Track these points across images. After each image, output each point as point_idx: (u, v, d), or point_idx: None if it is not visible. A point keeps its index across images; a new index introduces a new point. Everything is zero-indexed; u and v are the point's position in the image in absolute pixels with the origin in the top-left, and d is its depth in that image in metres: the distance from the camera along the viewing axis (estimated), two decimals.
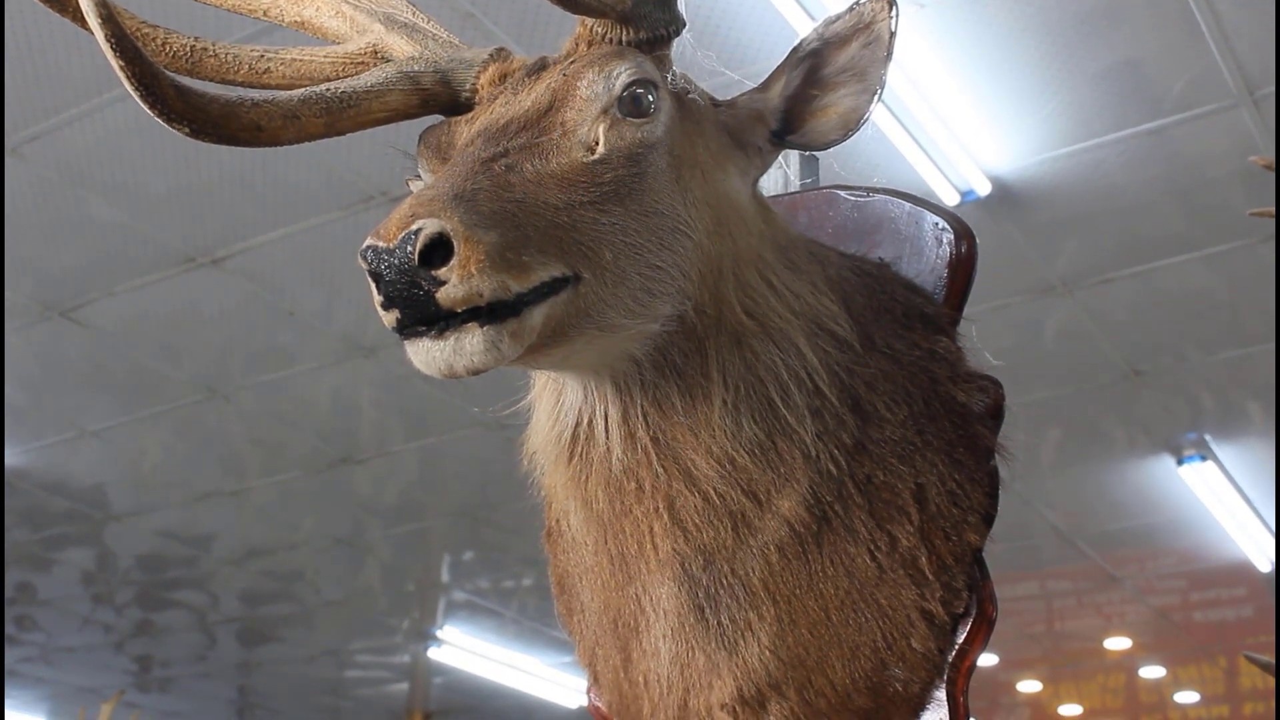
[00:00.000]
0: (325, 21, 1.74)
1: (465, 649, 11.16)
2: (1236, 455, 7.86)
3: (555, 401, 1.54)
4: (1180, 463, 7.82)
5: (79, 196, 5.28)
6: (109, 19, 1.25)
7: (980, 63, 4.55)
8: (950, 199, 5.08)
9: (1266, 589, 9.75)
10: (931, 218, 1.78)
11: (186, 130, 1.33)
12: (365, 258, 1.22)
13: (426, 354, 1.25)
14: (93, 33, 1.49)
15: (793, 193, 1.95)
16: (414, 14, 1.70)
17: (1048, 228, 5.49)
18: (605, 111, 1.40)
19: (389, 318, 1.25)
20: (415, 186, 1.82)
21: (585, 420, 1.50)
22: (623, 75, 1.41)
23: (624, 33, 1.47)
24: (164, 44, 1.60)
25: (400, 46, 1.61)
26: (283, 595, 10.59)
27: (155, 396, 6.90)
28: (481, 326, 1.23)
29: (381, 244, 1.21)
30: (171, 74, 1.32)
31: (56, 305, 6.04)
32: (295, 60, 1.63)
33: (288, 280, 5.84)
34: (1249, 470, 8.03)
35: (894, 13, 1.53)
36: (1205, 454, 7.77)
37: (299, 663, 12.21)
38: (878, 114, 4.65)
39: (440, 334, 1.24)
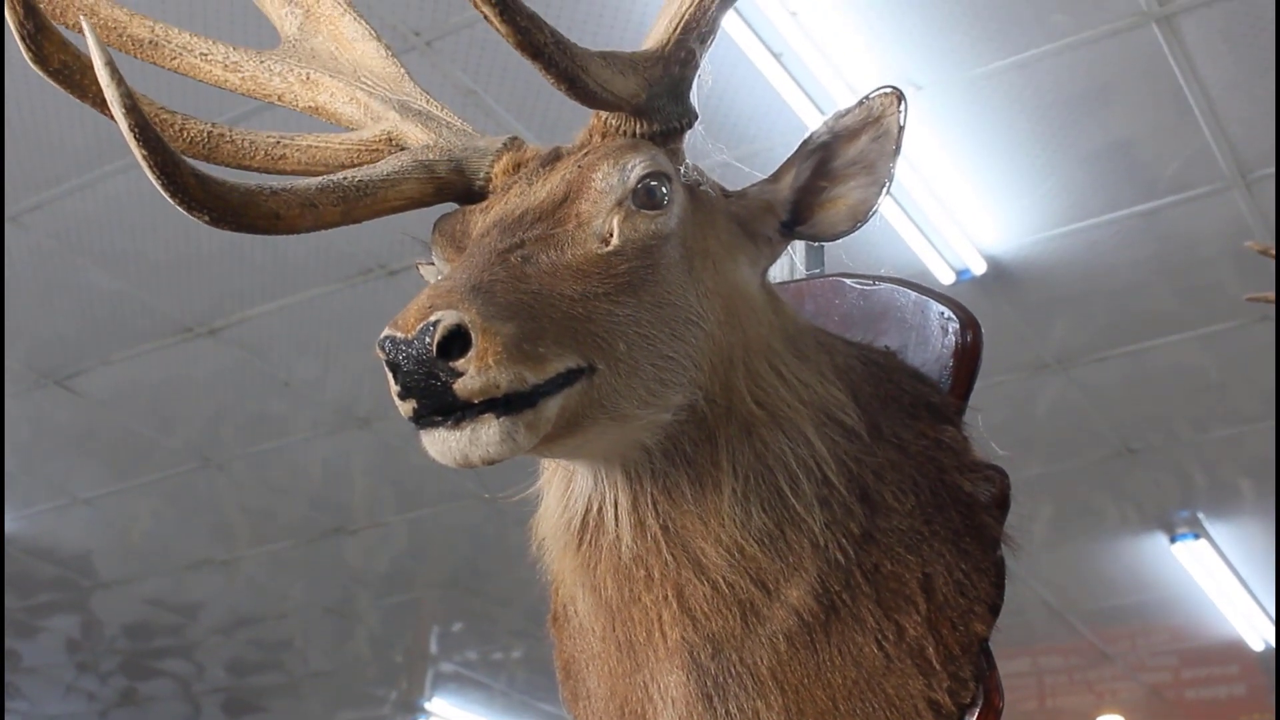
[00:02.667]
0: (339, 107, 1.76)
1: None
2: (1229, 533, 7.87)
3: (565, 488, 1.54)
4: (1173, 540, 7.83)
5: (78, 265, 5.30)
6: (132, 108, 1.27)
7: (976, 144, 4.61)
8: (946, 278, 5.12)
9: (1259, 667, 9.71)
10: (937, 307, 1.79)
11: (206, 218, 1.34)
12: (383, 348, 1.23)
13: (443, 444, 1.25)
14: (115, 119, 1.52)
15: (799, 280, 1.97)
16: (428, 101, 1.72)
17: (1042, 306, 5.53)
18: (620, 204, 1.41)
19: (405, 407, 1.25)
20: (425, 271, 1.84)
21: (595, 507, 1.50)
22: (637, 168, 1.42)
23: (638, 125, 1.49)
24: (181, 129, 1.61)
25: (415, 134, 1.63)
26: (270, 665, 10.50)
27: (148, 464, 6.88)
28: (498, 417, 1.24)
29: (400, 334, 1.22)
30: (192, 162, 1.33)
31: (52, 373, 6.04)
32: (311, 146, 1.65)
33: (284, 351, 5.85)
34: (1242, 548, 8.04)
35: (903, 107, 1.55)
36: (1198, 532, 7.78)
37: None
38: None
39: (457, 424, 1.24)
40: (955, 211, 4.90)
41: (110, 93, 1.27)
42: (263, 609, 9.26)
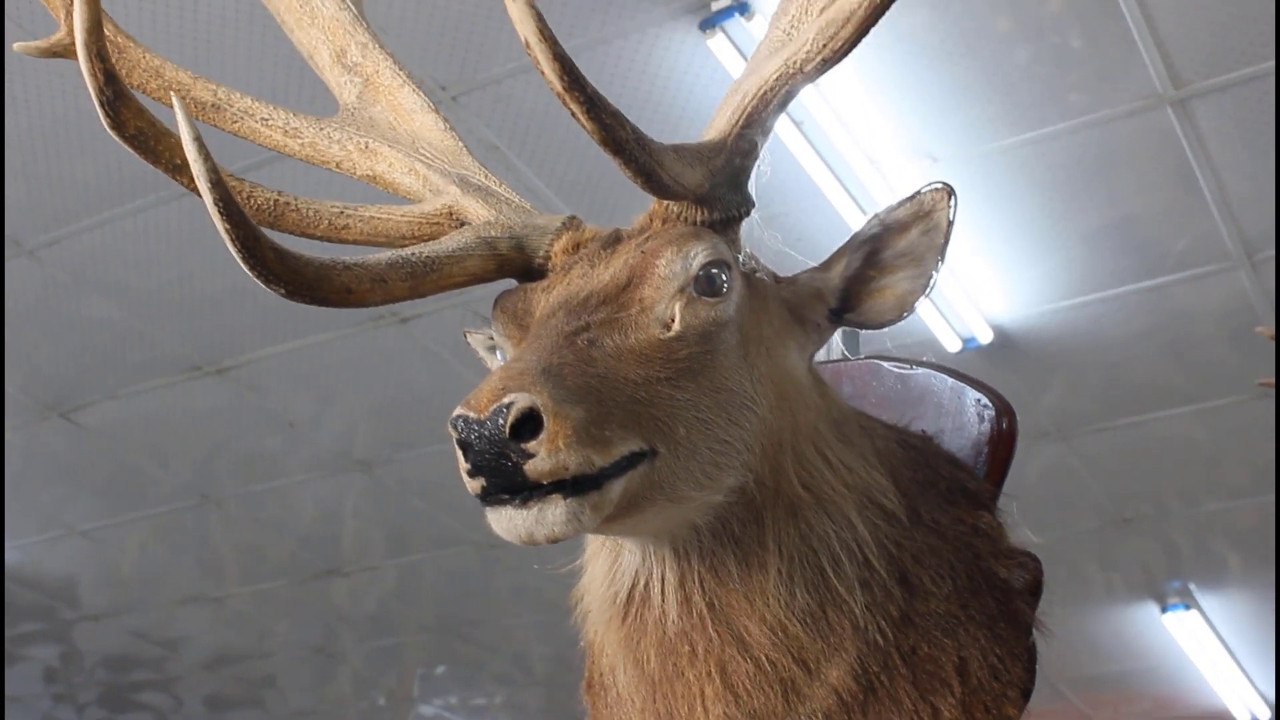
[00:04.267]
0: (398, 178, 1.80)
1: None
2: (1220, 605, 7.91)
3: (612, 562, 1.57)
4: (1165, 610, 7.87)
5: (90, 301, 5.33)
6: (218, 183, 1.30)
7: (988, 216, 4.68)
8: (953, 345, 5.18)
9: None
10: (973, 394, 1.84)
11: (282, 291, 1.37)
12: (456, 427, 1.25)
13: (509, 522, 1.28)
14: (197, 189, 1.56)
15: (836, 360, 2.01)
16: (486, 176, 1.76)
17: (1045, 375, 5.59)
18: (682, 290, 1.44)
19: (474, 485, 1.28)
20: (474, 339, 1.88)
21: (642, 583, 1.53)
22: (699, 256, 1.46)
23: (699, 213, 1.53)
24: (249, 196, 1.65)
25: (476, 210, 1.66)
26: (250, 702, 10.44)
27: (146, 499, 6.89)
28: (565, 498, 1.27)
29: (473, 415, 1.24)
30: (270, 238, 1.36)
31: (56, 405, 6.06)
32: (373, 218, 1.69)
33: (290, 393, 5.88)
34: (1233, 621, 8.07)
35: (953, 203, 1.59)
36: (1189, 603, 7.82)
37: None
38: None
39: (524, 503, 1.27)
40: (964, 281, 4.97)
41: (197, 168, 1.30)
42: (247, 646, 9.23)
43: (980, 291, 5.05)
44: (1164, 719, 9.83)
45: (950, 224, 1.59)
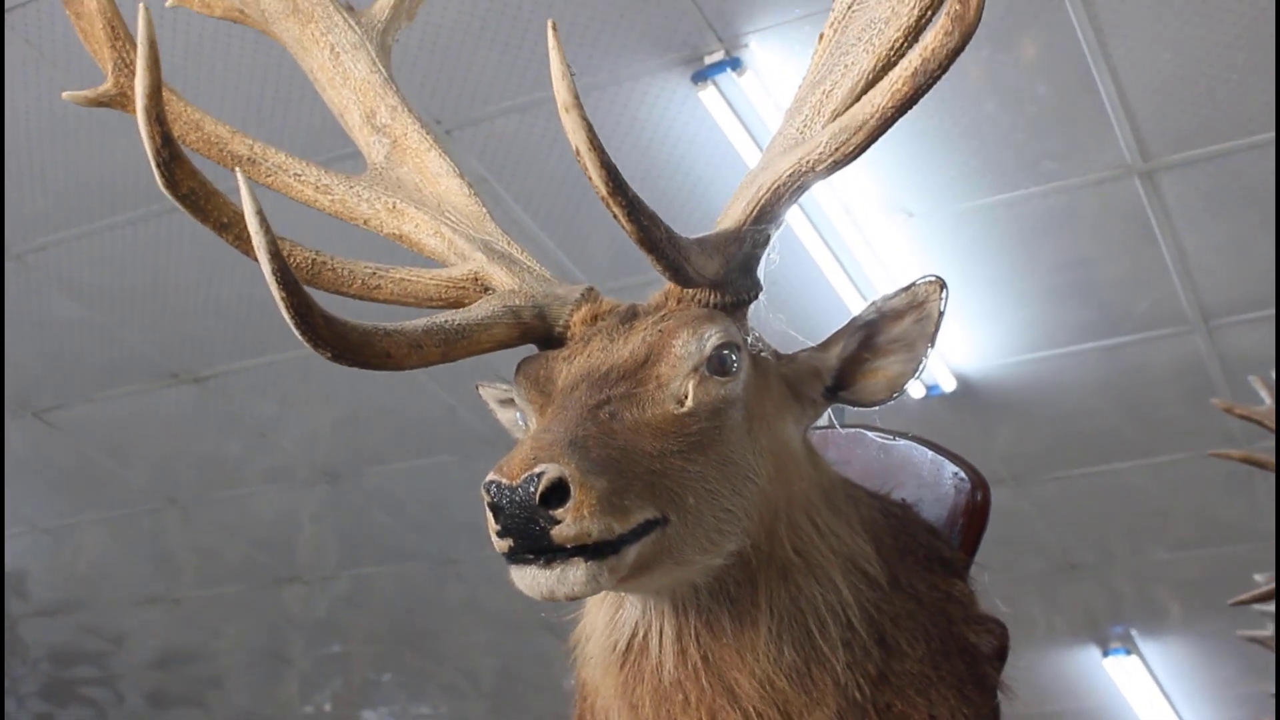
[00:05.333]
0: (424, 239, 1.89)
1: None
2: (1160, 651, 8.09)
3: (614, 613, 1.68)
4: (1106, 654, 8.04)
5: (75, 308, 5.39)
6: (276, 254, 1.39)
7: (959, 270, 4.83)
8: (916, 392, 5.33)
9: None
10: (951, 467, 1.97)
11: (329, 354, 1.48)
12: (489, 491, 1.36)
13: (533, 580, 1.39)
14: (241, 248, 1.67)
15: (824, 427, 2.13)
16: (508, 243, 1.86)
17: (1003, 423, 5.75)
18: (695, 369, 1.55)
19: (502, 544, 1.39)
20: (485, 394, 1.99)
21: (641, 634, 1.64)
22: (712, 338, 1.57)
23: (713, 296, 1.65)
24: (289, 255, 1.74)
25: (500, 278, 1.76)
26: (192, 701, 10.41)
27: (113, 500, 6.93)
28: (585, 561, 1.38)
29: (505, 481, 1.35)
30: (320, 305, 1.46)
31: (30, 405, 6.10)
32: (404, 279, 1.79)
33: (264, 405, 5.95)
34: (1171, 666, 8.26)
35: (944, 295, 1.72)
36: (1130, 648, 7.99)
37: None
38: (857, 307, 4.92)
39: (548, 564, 1.38)
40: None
41: (258, 239, 1.39)
42: (195, 647, 9.23)
43: (946, 342, 5.20)
44: None
45: (941, 314, 1.71)
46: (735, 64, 3.99)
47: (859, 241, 4.63)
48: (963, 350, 5.26)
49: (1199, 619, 7.66)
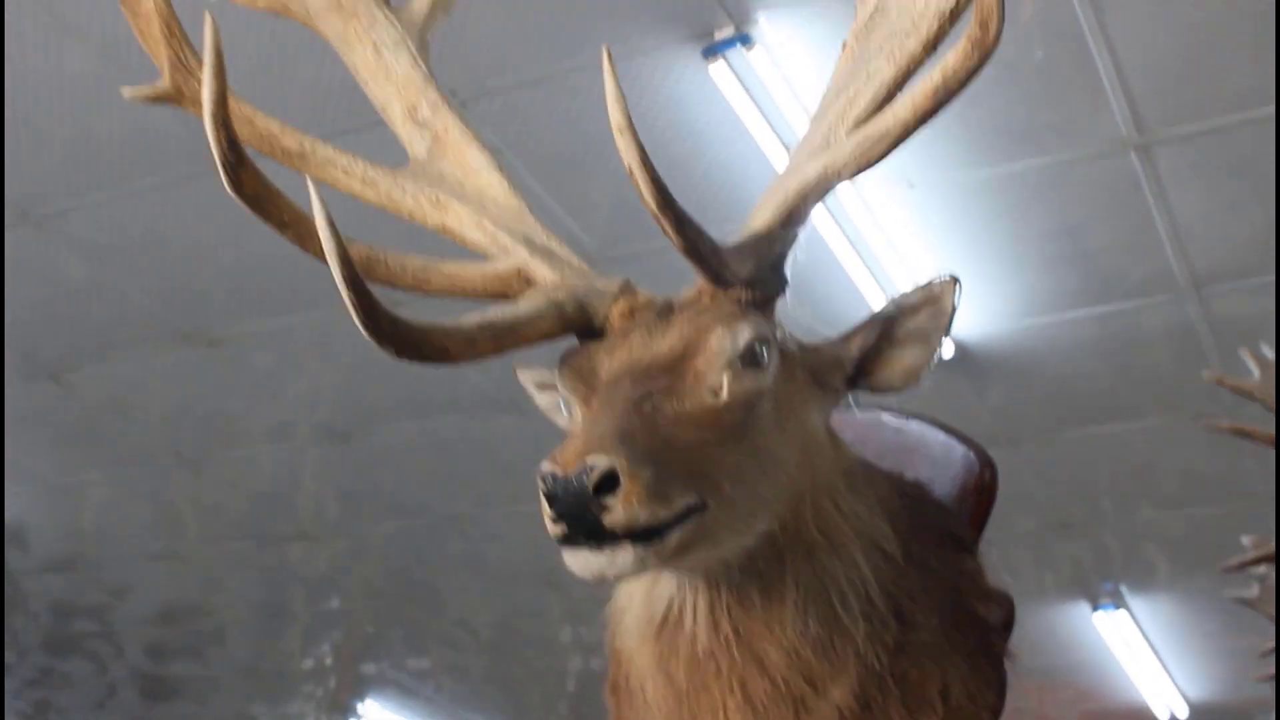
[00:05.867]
0: (467, 232, 1.99)
1: None
2: (1148, 607, 8.28)
3: (650, 588, 1.79)
4: (1095, 609, 8.23)
5: (89, 270, 5.49)
6: (346, 260, 1.50)
7: (958, 240, 4.95)
8: None
9: None
10: (961, 448, 2.09)
11: (392, 351, 1.59)
12: (545, 481, 1.47)
13: (584, 562, 1.51)
14: (304, 246, 1.77)
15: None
16: (548, 237, 1.96)
17: (1000, 388, 5.89)
18: (730, 363, 1.66)
19: (556, 529, 1.51)
20: (524, 377, 2.09)
21: (676, 608, 1.76)
22: (745, 333, 1.68)
23: (745, 293, 1.75)
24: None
25: (542, 272, 1.86)
26: (191, 653, 10.54)
27: (126, 457, 7.04)
28: (634, 545, 1.49)
29: (559, 471, 1.46)
30: (384, 305, 1.57)
31: (47, 367, 6.20)
32: (452, 273, 1.89)
33: (277, 365, 6.05)
34: (1158, 621, 8.44)
35: (958, 291, 1.84)
36: (1119, 603, 8.18)
37: None
38: (862, 281, 5.04)
39: (599, 548, 1.49)
40: None
41: (329, 246, 1.49)
42: (199, 600, 9.35)
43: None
44: (1085, 710, 10.20)
45: (955, 309, 1.83)
46: (745, 40, 4.08)
47: (861, 211, 4.74)
48: (961, 316, 5.36)
49: (1185, 576, 7.84)
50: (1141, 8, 4.00)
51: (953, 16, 1.78)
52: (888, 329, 1.86)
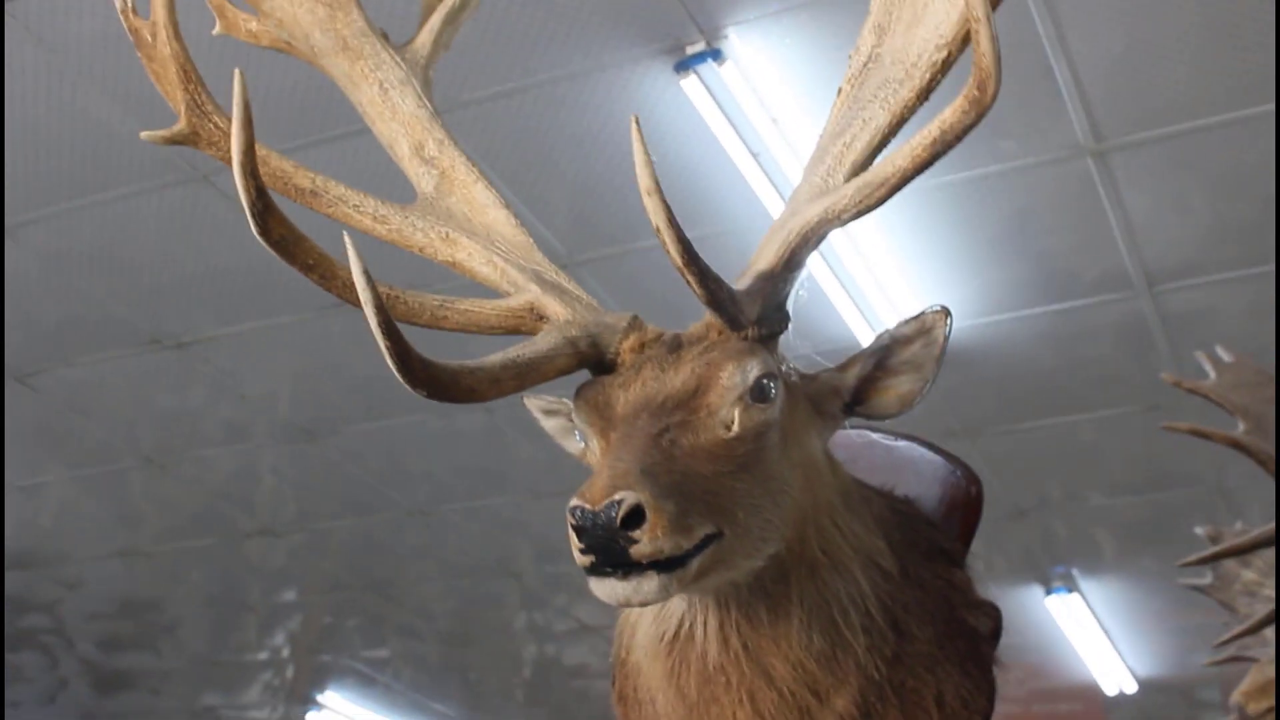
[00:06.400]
0: (476, 267, 2.06)
1: (346, 716, 11.22)
2: (1098, 589, 8.49)
3: (660, 606, 1.90)
4: (1049, 593, 8.43)
5: (66, 277, 5.53)
6: (381, 308, 1.56)
7: (920, 241, 5.08)
8: None
9: (1104, 707, 10.35)
10: (949, 465, 2.21)
11: (424, 393, 1.66)
12: (574, 515, 1.55)
13: (611, 590, 1.59)
14: (330, 289, 1.84)
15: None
16: (556, 273, 2.05)
17: (959, 382, 6.02)
18: (740, 398, 1.74)
19: (584, 560, 1.59)
20: (531, 404, 2.18)
21: (687, 625, 1.85)
22: (754, 370, 1.76)
23: (750, 329, 1.85)
24: None
25: (554, 308, 1.93)
26: (145, 646, 10.53)
27: (89, 459, 7.06)
28: (658, 574, 1.58)
29: (588, 506, 1.55)
30: (416, 350, 1.65)
31: (14, 371, 6.22)
32: (468, 310, 1.96)
33: (246, 370, 6.11)
34: (1108, 603, 8.66)
35: (949, 322, 1.95)
36: (1071, 586, 8.39)
37: (165, 715, 12.11)
38: (824, 277, 5.16)
39: (625, 576, 1.58)
40: (894, 298, 5.37)
41: (365, 295, 1.55)
42: (155, 595, 9.35)
43: (906, 305, 5.45)
44: (1035, 688, 10.42)
45: (946, 339, 1.93)
46: (716, 55, 4.17)
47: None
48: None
49: (1134, 559, 8.08)
50: (1098, 23, 4.12)
51: (945, 67, 1.89)
52: (883, 359, 1.95)
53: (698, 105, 4.36)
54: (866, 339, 5.44)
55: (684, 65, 4.23)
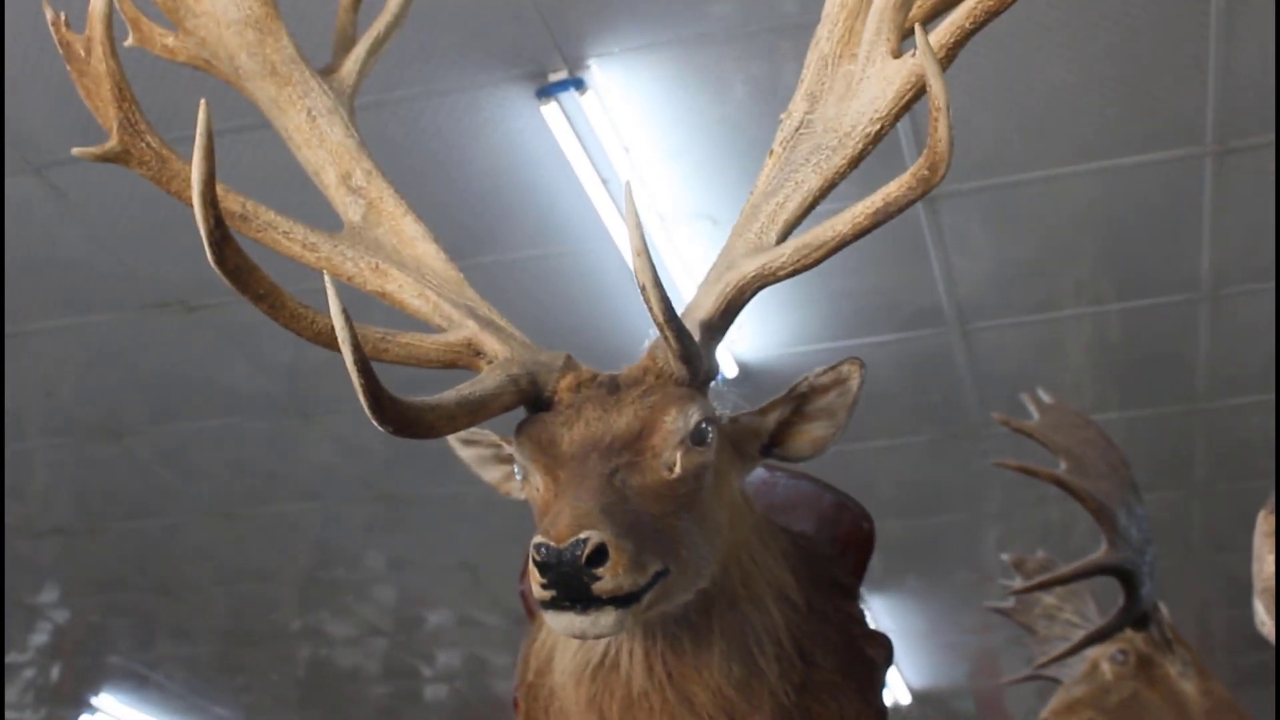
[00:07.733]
0: (408, 299, 2.09)
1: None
2: (880, 604, 8.87)
3: None
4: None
5: (73, 233, 5.28)
6: (358, 348, 1.59)
7: None
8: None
9: None
10: (844, 502, 2.36)
11: (391, 429, 1.70)
12: (539, 551, 1.62)
13: (569, 623, 1.66)
14: (294, 329, 1.87)
15: None
16: (489, 309, 2.10)
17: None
18: (681, 441, 1.83)
19: (545, 594, 1.67)
20: (452, 436, 2.23)
21: (612, 653, 1.94)
22: (695, 415, 1.86)
23: (688, 374, 1.94)
24: (312, 322, 1.91)
25: (492, 345, 1.97)
26: None
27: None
28: (615, 609, 1.67)
29: (553, 544, 1.62)
30: (387, 389, 1.69)
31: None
32: (408, 344, 1.99)
33: (251, 336, 5.92)
34: (887, 617, 9.05)
35: (862, 374, 2.09)
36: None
37: None
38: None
39: (584, 610, 1.66)
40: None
41: (342, 335, 1.58)
42: None
43: (732, 332, 5.64)
44: None
45: (860, 388, 2.09)
46: (579, 84, 4.26)
47: (666, 244, 5.00)
48: (744, 340, 5.72)
49: (914, 578, 8.48)
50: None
51: (877, 138, 2.03)
52: (800, 404, 2.09)
53: (555, 131, 4.44)
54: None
55: (546, 92, 4.30)
